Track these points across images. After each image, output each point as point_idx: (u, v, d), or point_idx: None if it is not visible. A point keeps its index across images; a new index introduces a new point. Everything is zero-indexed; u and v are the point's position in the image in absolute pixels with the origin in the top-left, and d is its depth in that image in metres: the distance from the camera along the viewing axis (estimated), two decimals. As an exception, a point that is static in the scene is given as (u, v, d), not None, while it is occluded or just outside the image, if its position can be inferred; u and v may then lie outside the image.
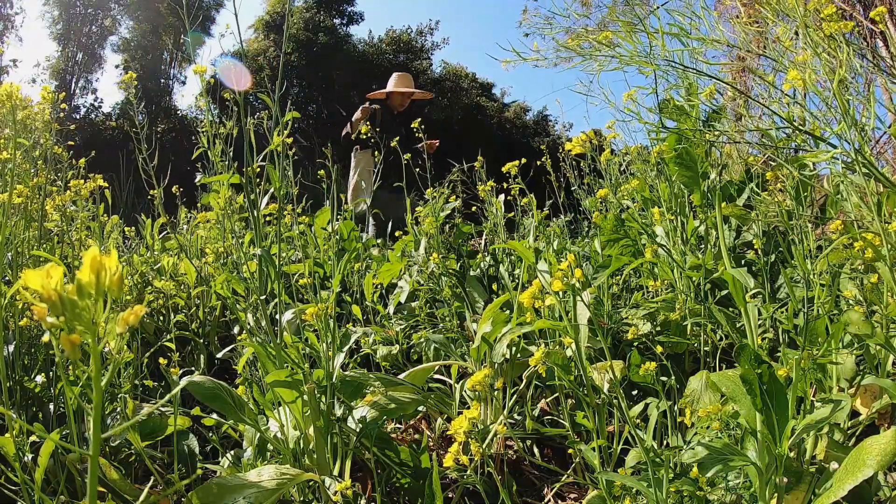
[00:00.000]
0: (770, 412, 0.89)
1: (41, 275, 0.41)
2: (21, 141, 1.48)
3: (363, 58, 18.68)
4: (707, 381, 1.18)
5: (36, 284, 0.41)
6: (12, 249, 1.49)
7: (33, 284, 0.41)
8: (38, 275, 0.41)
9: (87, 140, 13.12)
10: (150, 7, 18.04)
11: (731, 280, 1.04)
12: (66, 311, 0.42)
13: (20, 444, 1.00)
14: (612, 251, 1.65)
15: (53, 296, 0.41)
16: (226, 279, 1.42)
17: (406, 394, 1.34)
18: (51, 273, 0.42)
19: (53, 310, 0.41)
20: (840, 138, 0.85)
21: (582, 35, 0.99)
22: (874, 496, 0.97)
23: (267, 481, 1.03)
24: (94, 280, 0.43)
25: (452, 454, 0.84)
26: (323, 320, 1.23)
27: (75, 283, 0.43)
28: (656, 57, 0.91)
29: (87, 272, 0.43)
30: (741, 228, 1.89)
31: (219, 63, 1.44)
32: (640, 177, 1.84)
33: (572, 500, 1.33)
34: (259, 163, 1.31)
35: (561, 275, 0.86)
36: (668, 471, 0.86)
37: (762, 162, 1.80)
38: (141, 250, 3.03)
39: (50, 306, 0.41)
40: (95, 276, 0.43)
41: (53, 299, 0.41)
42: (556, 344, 1.44)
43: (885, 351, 1.10)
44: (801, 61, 0.89)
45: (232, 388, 1.30)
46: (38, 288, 0.41)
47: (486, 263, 2.39)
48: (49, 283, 0.41)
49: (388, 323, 2.15)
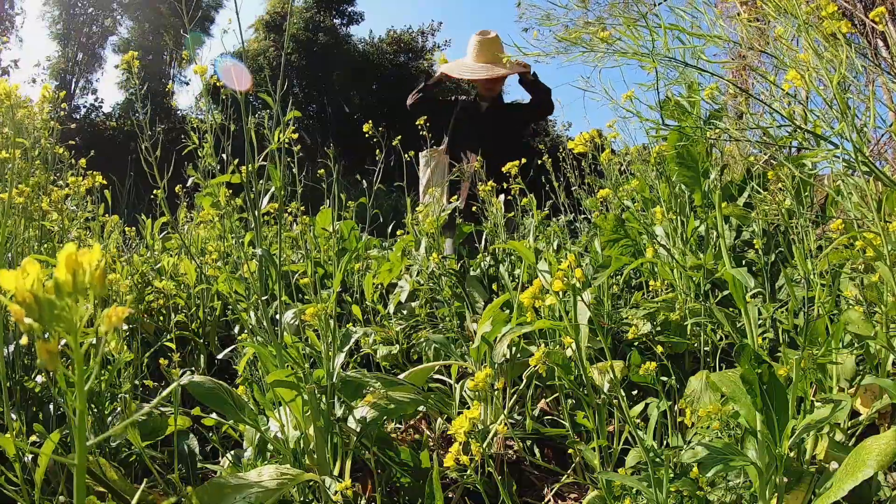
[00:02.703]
0: (770, 412, 0.89)
1: (16, 274, 0.38)
2: (21, 141, 1.48)
3: (364, 58, 18.68)
4: (707, 381, 1.18)
5: (9, 285, 0.38)
6: (12, 249, 1.49)
7: (6, 284, 0.38)
8: (12, 274, 0.38)
9: (87, 140, 13.12)
10: (150, 7, 18.05)
11: (731, 280, 1.04)
12: (42, 312, 0.39)
13: (20, 445, 1.00)
14: (612, 251, 1.65)
15: (28, 297, 0.38)
16: (226, 278, 1.42)
17: (406, 394, 1.34)
18: (27, 270, 0.38)
19: (30, 312, 0.38)
20: (841, 137, 0.85)
21: (582, 29, 0.99)
22: (874, 496, 0.97)
23: (267, 481, 1.03)
24: (71, 278, 0.40)
25: (453, 454, 0.84)
26: (323, 320, 1.23)
27: (52, 281, 0.39)
28: (658, 51, 0.91)
29: (63, 269, 0.40)
30: (742, 228, 1.89)
31: (219, 63, 1.44)
32: (641, 177, 1.84)
33: (572, 500, 1.33)
34: (259, 162, 1.31)
35: (561, 275, 0.86)
36: (668, 471, 0.86)
37: (764, 161, 1.80)
38: (141, 250, 3.03)
39: (25, 308, 0.38)
40: (72, 274, 0.40)
41: (28, 300, 0.38)
42: (557, 344, 1.44)
43: (885, 351, 1.10)
44: (802, 60, 0.89)
45: (232, 388, 1.30)
46: (10, 288, 0.38)
47: (486, 263, 2.39)
48: (24, 282, 0.38)
49: (389, 323, 2.15)
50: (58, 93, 1.63)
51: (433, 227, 2.18)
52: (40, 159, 1.68)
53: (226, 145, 1.41)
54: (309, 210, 2.57)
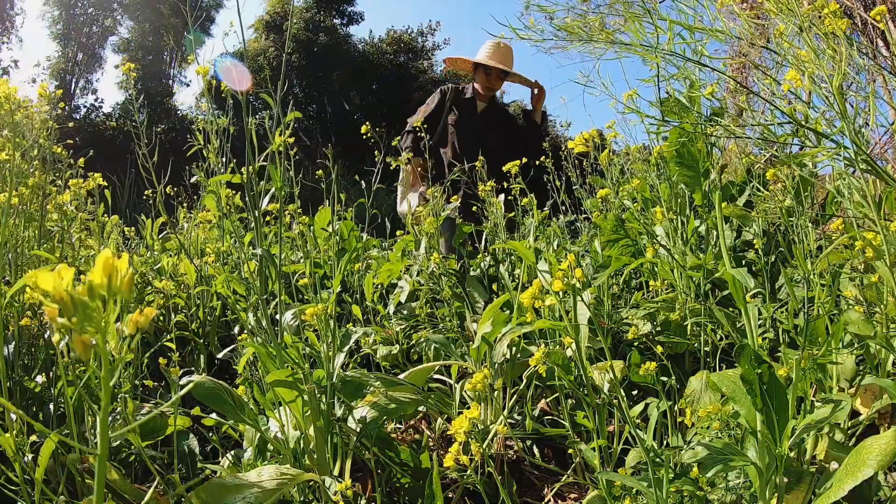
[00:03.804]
0: (770, 412, 0.89)
1: (53, 276, 0.42)
2: (20, 142, 1.48)
3: (363, 58, 18.70)
4: (707, 381, 1.18)
5: (47, 286, 0.41)
6: (12, 249, 1.49)
7: (45, 285, 0.41)
8: (49, 276, 0.42)
9: (87, 140, 13.13)
10: (150, 7, 18.05)
11: (731, 280, 1.04)
12: (77, 312, 0.42)
13: (20, 444, 1.00)
14: (613, 251, 1.65)
15: (65, 297, 0.42)
16: (226, 279, 1.42)
17: (406, 394, 1.34)
18: (62, 274, 0.42)
19: (65, 311, 0.42)
20: (842, 135, 0.85)
21: (583, 22, 0.99)
22: (874, 496, 0.97)
23: (267, 481, 1.03)
24: (107, 282, 0.43)
25: (452, 454, 0.84)
26: (323, 320, 1.23)
27: (87, 284, 0.43)
28: (660, 46, 0.91)
29: (100, 274, 0.43)
30: (742, 228, 1.89)
31: (219, 63, 1.44)
32: (641, 177, 1.84)
33: (572, 500, 1.33)
34: (260, 162, 1.31)
35: (561, 275, 0.86)
36: (669, 471, 0.86)
37: (764, 161, 1.79)
38: (141, 250, 3.03)
39: (61, 307, 0.42)
40: (108, 279, 0.43)
41: (65, 300, 0.42)
42: (557, 344, 1.44)
43: (885, 351, 1.10)
44: (802, 59, 0.89)
45: (232, 388, 1.30)
46: (49, 289, 0.41)
47: (486, 263, 2.39)
48: (60, 284, 0.42)
49: (389, 323, 2.15)
50: (55, 92, 1.63)
51: (433, 228, 2.17)
52: (39, 159, 1.68)
53: (226, 147, 1.41)
54: (309, 210, 2.57)
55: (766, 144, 0.93)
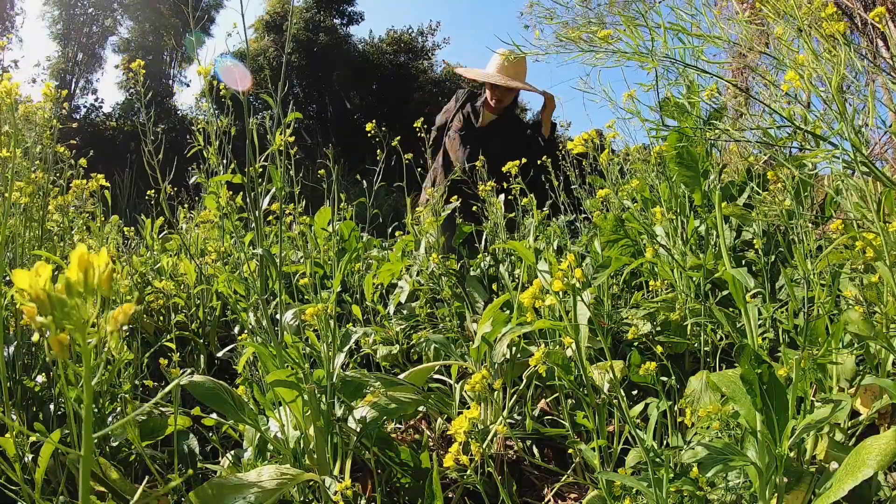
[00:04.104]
0: (770, 412, 0.89)
1: (30, 274, 0.41)
2: (23, 139, 1.48)
3: (363, 58, 18.70)
4: (707, 381, 1.18)
5: (24, 283, 0.41)
6: (13, 249, 1.49)
7: (21, 283, 0.41)
8: (26, 274, 0.41)
9: (87, 140, 13.13)
10: (150, 7, 18.06)
11: (731, 280, 1.04)
12: (54, 310, 0.41)
13: (20, 444, 1.00)
14: (612, 251, 1.66)
15: (41, 295, 0.41)
16: (227, 278, 1.42)
17: (406, 394, 1.34)
18: (39, 272, 0.41)
19: (42, 309, 0.41)
20: (841, 137, 0.85)
21: (582, 27, 0.98)
22: (874, 496, 0.97)
23: (267, 481, 1.03)
24: (83, 278, 0.43)
25: (452, 454, 0.84)
26: (323, 320, 1.23)
27: (63, 281, 0.42)
28: (657, 52, 0.91)
29: (75, 270, 0.42)
30: (742, 228, 1.89)
31: (219, 63, 1.44)
32: (641, 177, 1.84)
33: (572, 500, 1.33)
34: (261, 162, 1.31)
35: (561, 275, 0.86)
36: (668, 471, 0.86)
37: (764, 162, 1.80)
38: (141, 250, 3.03)
39: (38, 305, 0.41)
40: (84, 274, 0.43)
41: (42, 298, 0.41)
42: (556, 344, 1.44)
43: (885, 351, 1.10)
44: (800, 62, 0.89)
45: (232, 388, 1.30)
46: (25, 287, 0.41)
47: (486, 263, 2.39)
48: (37, 281, 0.41)
49: (389, 323, 2.15)
50: (60, 92, 1.63)
51: (433, 227, 2.18)
52: (41, 158, 1.68)
53: (226, 147, 1.41)
54: (309, 210, 2.57)
55: (765, 147, 0.93)
